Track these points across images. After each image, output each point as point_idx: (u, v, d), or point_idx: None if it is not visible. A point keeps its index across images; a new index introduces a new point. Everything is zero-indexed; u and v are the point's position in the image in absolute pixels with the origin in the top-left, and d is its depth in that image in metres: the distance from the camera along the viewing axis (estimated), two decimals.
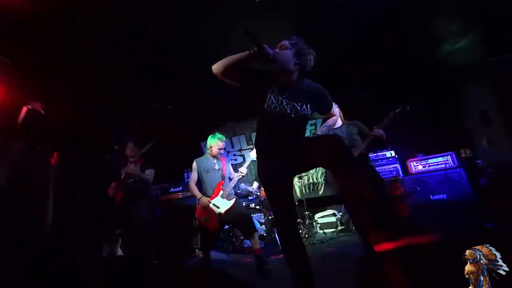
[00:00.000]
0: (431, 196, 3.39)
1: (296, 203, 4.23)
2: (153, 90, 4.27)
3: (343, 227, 4.15)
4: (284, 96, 1.59)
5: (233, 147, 5.48)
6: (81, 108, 3.36)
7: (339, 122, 2.70)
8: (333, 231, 4.14)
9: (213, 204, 2.88)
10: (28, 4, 2.42)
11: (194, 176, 3.08)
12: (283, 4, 2.96)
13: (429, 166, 3.59)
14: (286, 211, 1.57)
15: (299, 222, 4.26)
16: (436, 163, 3.55)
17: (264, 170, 1.65)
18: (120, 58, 3.39)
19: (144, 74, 3.83)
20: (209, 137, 3.13)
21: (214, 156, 3.08)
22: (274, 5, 2.93)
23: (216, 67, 1.56)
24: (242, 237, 3.63)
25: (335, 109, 2.56)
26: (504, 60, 1.68)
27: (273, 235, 3.61)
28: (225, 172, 3.06)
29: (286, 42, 1.59)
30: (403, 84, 4.21)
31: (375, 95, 4.27)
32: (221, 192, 2.93)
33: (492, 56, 1.84)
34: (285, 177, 1.59)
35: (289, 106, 1.57)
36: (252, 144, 5.38)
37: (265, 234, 3.62)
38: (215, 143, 3.05)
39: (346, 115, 2.84)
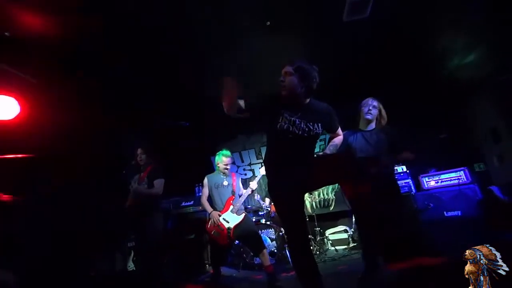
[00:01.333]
0: (445, 212, 3.32)
1: (307, 219, 4.21)
2: (163, 105, 4.44)
3: (355, 244, 4.07)
4: (296, 117, 1.65)
5: (242, 161, 5.55)
6: (96, 125, 3.51)
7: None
8: (345, 248, 4.07)
9: (223, 218, 2.93)
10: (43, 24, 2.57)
11: (205, 191, 3.16)
12: (292, 25, 3.11)
13: (442, 181, 3.54)
14: (298, 228, 1.60)
15: (310, 238, 4.23)
16: (449, 179, 3.50)
17: (275, 187, 1.70)
18: (131, 72, 3.54)
19: (154, 88, 4.00)
20: (216, 154, 3.24)
21: (223, 172, 3.16)
22: (283, 26, 3.08)
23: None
24: (251, 253, 3.62)
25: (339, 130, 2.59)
26: None
27: (284, 252, 3.59)
28: (235, 188, 3.13)
29: (289, 69, 1.64)
30: (409, 99, 4.23)
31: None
32: (231, 207, 2.98)
33: (500, 74, 1.88)
34: (296, 194, 1.63)
35: (301, 126, 1.64)
36: (262, 158, 5.44)
37: (275, 251, 3.60)
38: (220, 160, 3.17)
39: None
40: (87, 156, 3.44)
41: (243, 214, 2.97)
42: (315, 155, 1.77)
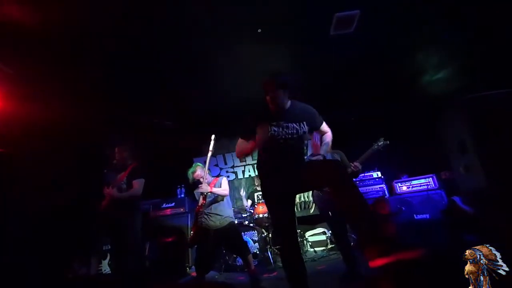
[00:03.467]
0: (415, 215, 3.61)
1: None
2: (147, 104, 4.34)
3: (333, 245, 4.26)
4: (283, 121, 1.77)
5: (226, 163, 5.56)
6: (79, 122, 3.35)
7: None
8: (323, 249, 4.24)
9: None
10: (30, 16, 2.44)
11: None
12: (281, 34, 3.22)
13: (412, 187, 3.84)
14: (288, 227, 1.68)
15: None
16: (419, 184, 3.81)
17: (268, 188, 1.77)
18: (118, 72, 3.44)
19: (140, 88, 3.91)
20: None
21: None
22: (273, 34, 3.18)
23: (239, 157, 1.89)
24: (235, 255, 3.65)
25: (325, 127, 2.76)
26: (482, 98, 1.96)
27: (266, 253, 3.66)
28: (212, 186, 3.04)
29: (274, 84, 1.74)
30: (386, 110, 4.55)
31: (359, 121, 4.60)
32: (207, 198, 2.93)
33: (469, 91, 2.12)
34: (288, 195, 1.72)
35: (289, 129, 1.75)
36: (245, 161, 5.49)
37: (258, 252, 3.67)
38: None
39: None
40: (64, 154, 3.26)
41: (228, 220, 2.95)
42: (306, 158, 1.86)
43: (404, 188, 3.90)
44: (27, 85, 2.73)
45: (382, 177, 4.28)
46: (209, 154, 2.97)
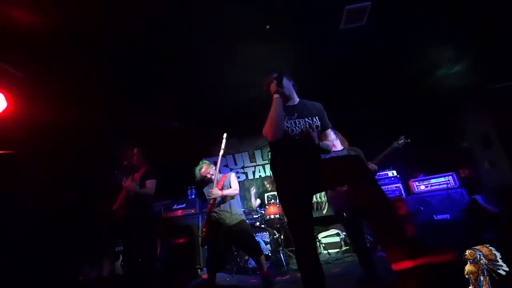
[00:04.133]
0: (434, 216, 3.44)
1: None
2: (157, 105, 4.37)
3: (347, 247, 4.12)
4: (295, 117, 1.71)
5: (236, 164, 5.52)
6: (84, 124, 3.38)
7: (340, 146, 2.74)
8: (338, 251, 4.11)
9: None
10: (33, 18, 2.47)
11: None
12: (289, 31, 3.15)
13: (431, 186, 3.66)
14: (306, 229, 1.60)
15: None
16: (438, 183, 3.63)
17: (284, 189, 1.68)
18: (125, 73, 3.47)
19: (149, 89, 3.93)
20: None
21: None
22: (281, 31, 3.12)
23: (269, 133, 1.63)
24: (246, 257, 3.59)
25: (333, 135, 2.67)
26: (503, 89, 1.82)
27: (278, 255, 3.58)
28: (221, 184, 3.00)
29: (276, 75, 1.73)
30: (404, 108, 4.39)
31: (377, 119, 4.45)
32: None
33: (490, 82, 1.99)
34: (306, 196, 1.63)
35: (301, 124, 1.69)
36: (255, 161, 5.44)
37: (270, 254, 3.59)
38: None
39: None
40: (75, 155, 3.30)
41: (240, 218, 2.92)
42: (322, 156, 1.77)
43: (422, 187, 3.72)
44: (31, 87, 2.78)
45: (398, 176, 4.11)
46: (221, 152, 2.96)
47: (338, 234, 4.25)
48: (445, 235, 3.23)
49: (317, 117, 1.75)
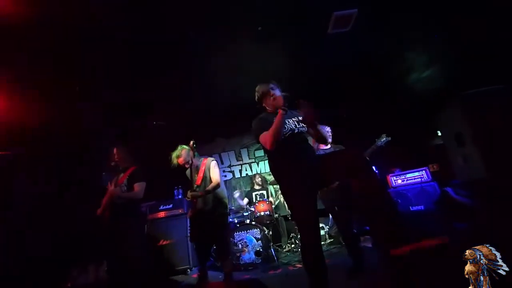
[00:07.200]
0: (410, 207, 3.76)
1: (289, 218, 4.38)
2: (143, 105, 4.25)
3: (331, 239, 4.35)
4: (291, 118, 1.88)
5: (222, 163, 5.53)
6: (75, 124, 3.23)
7: (327, 145, 2.82)
8: (323, 244, 4.32)
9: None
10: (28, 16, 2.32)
11: None
12: (280, 33, 3.25)
13: (407, 180, 3.99)
14: (315, 226, 1.67)
15: (291, 236, 4.40)
16: (413, 177, 3.97)
17: (290, 187, 1.74)
18: (114, 70, 3.35)
19: (135, 88, 3.82)
20: None
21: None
22: (273, 32, 3.20)
23: (270, 142, 1.71)
24: (238, 254, 3.65)
25: (327, 128, 2.82)
26: (476, 94, 2.08)
27: (269, 250, 3.68)
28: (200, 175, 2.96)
29: (273, 87, 1.94)
30: (384, 109, 4.71)
31: (358, 118, 4.72)
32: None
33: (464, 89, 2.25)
34: (312, 192, 1.72)
35: (291, 123, 1.85)
36: (242, 160, 5.49)
37: (261, 250, 3.68)
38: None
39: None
40: (60, 156, 3.13)
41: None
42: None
43: (399, 181, 4.04)
44: (25, 86, 2.60)
45: (377, 171, 4.40)
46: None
47: (322, 228, 4.45)
48: (420, 225, 3.54)
49: (301, 117, 1.88)
